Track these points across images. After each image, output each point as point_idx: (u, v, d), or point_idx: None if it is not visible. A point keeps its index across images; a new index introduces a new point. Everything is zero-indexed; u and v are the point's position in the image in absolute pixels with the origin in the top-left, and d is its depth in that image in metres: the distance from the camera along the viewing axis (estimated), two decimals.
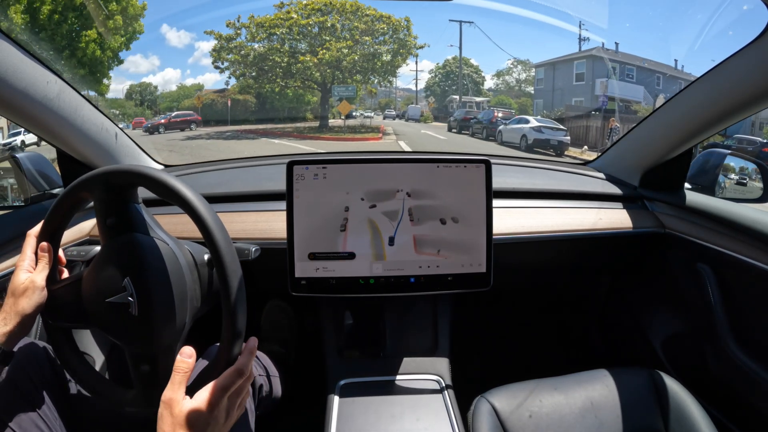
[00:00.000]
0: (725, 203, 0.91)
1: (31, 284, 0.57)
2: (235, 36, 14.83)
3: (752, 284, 0.82)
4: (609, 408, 0.77)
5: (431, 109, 19.64)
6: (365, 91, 17.67)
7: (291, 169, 0.80)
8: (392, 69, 16.05)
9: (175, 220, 0.91)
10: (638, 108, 14.60)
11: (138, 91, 17.93)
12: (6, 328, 0.54)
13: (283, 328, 1.26)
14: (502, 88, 20.02)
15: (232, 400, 0.53)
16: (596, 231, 0.97)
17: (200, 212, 0.53)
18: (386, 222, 0.82)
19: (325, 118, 15.81)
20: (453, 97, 19.38)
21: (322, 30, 15.08)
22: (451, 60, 20.18)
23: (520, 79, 19.68)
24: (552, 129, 10.95)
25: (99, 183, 0.57)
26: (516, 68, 19.67)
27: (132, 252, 0.57)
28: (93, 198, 0.58)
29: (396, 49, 15.65)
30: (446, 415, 0.80)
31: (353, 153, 1.72)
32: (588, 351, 1.35)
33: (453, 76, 20.11)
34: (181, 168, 1.22)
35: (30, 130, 0.85)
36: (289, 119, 16.25)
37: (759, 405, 0.80)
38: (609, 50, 15.90)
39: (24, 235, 0.82)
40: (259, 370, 0.86)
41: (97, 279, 0.57)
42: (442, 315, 0.99)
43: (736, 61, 0.74)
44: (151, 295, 0.55)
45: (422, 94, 21.14)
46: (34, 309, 0.56)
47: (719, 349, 0.85)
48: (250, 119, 15.83)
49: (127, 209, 0.59)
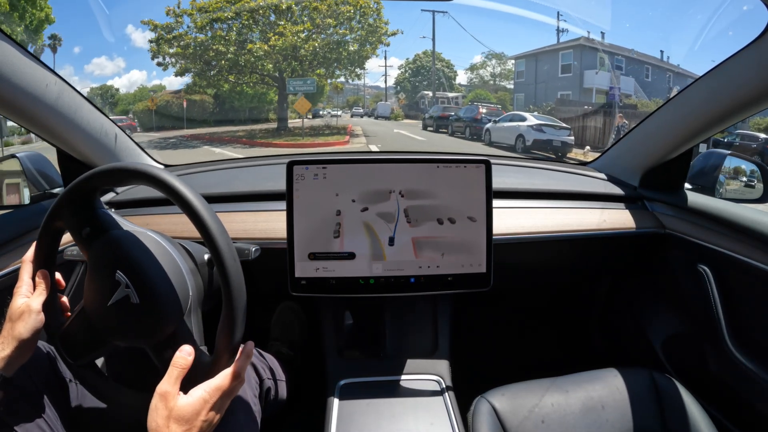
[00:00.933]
0: (725, 204, 0.91)
1: (27, 308, 0.57)
2: (176, 25, 12.10)
3: (752, 285, 0.82)
4: (609, 408, 0.77)
5: (402, 106, 18.65)
6: (331, 87, 15.29)
7: (291, 169, 0.80)
8: (360, 60, 13.42)
9: (176, 220, 0.92)
10: (631, 102, 13.60)
11: (99, 95, 16.27)
12: (3, 353, 0.54)
13: (293, 331, 1.26)
14: (477, 83, 19.00)
15: (224, 401, 0.54)
16: (597, 231, 0.97)
17: (198, 211, 0.54)
18: (385, 221, 0.82)
19: (283, 119, 13.65)
20: (425, 93, 18.22)
21: (276, 14, 12.51)
22: (422, 55, 19.21)
23: (495, 73, 18.73)
24: (554, 128, 9.44)
25: (65, 206, 0.58)
26: (490, 62, 18.64)
27: (113, 247, 0.57)
28: (65, 224, 0.59)
29: (364, 36, 13.08)
30: (446, 415, 0.80)
31: (353, 153, 1.72)
32: (588, 351, 1.35)
33: (424, 71, 19.09)
34: (182, 168, 1.22)
35: (31, 130, 0.85)
36: (251, 120, 14.62)
37: (759, 406, 0.80)
38: (594, 40, 14.86)
39: (24, 235, 0.82)
40: (267, 373, 0.86)
41: (93, 291, 0.57)
42: (443, 315, 0.99)
43: (736, 62, 0.74)
44: (144, 276, 0.56)
45: (392, 91, 20.09)
46: (31, 333, 0.56)
47: (719, 350, 0.85)
48: (209, 121, 14.23)
49: (97, 215, 0.60)
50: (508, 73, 18.23)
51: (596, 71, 14.30)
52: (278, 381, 0.90)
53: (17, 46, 0.73)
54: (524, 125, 9.53)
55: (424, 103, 17.57)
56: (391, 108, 17.54)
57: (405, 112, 17.84)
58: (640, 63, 14.76)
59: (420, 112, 16.31)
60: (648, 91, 14.51)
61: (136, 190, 1.04)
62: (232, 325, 0.53)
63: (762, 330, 0.81)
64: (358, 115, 18.50)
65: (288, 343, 1.22)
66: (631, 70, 14.67)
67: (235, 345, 0.54)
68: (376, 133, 12.88)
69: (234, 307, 0.53)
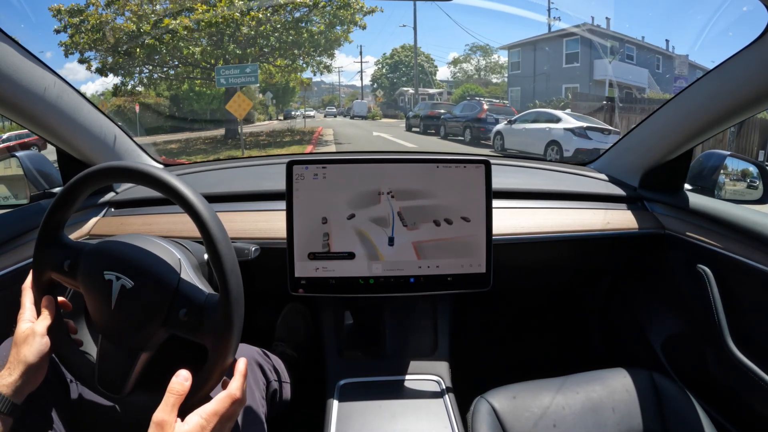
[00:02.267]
0: (725, 204, 0.91)
1: (32, 332, 0.57)
2: (84, 8, 8.98)
3: (752, 286, 0.82)
4: (609, 409, 0.77)
5: (379, 104, 17.26)
6: (296, 82, 11.35)
7: (291, 169, 0.80)
8: (328, 46, 10.17)
9: (175, 219, 0.92)
10: (651, 96, 11.85)
11: None
12: (11, 378, 0.54)
13: (298, 332, 1.26)
14: (462, 78, 17.47)
15: (224, 425, 0.52)
16: (597, 232, 0.97)
17: (197, 208, 0.54)
18: (385, 221, 0.82)
19: (231, 122, 10.18)
20: (404, 90, 16.76)
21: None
22: (400, 49, 17.88)
23: (480, 67, 17.15)
24: (601, 132, 6.88)
25: (44, 265, 0.60)
26: (474, 55, 17.07)
27: (92, 258, 0.58)
28: (57, 274, 0.60)
29: (333, 13, 9.76)
30: (446, 415, 0.80)
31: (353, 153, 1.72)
32: (588, 352, 1.35)
33: (403, 67, 17.73)
34: (181, 167, 1.23)
35: (31, 130, 0.85)
36: (212, 124, 12.07)
37: (759, 407, 0.80)
38: (599, 26, 12.86)
39: (24, 234, 0.82)
40: (273, 375, 0.87)
41: (97, 307, 0.57)
42: (442, 315, 0.99)
43: (736, 63, 0.74)
44: (125, 258, 0.57)
45: (368, 90, 18.74)
46: (37, 357, 0.56)
47: (719, 351, 0.85)
48: (165, 127, 12.21)
49: (67, 245, 0.61)
50: (494, 67, 16.81)
51: (609, 60, 12.51)
52: (283, 383, 0.90)
53: (17, 46, 0.73)
54: (559, 128, 6.94)
55: (403, 100, 16.29)
56: (368, 106, 16.28)
57: (383, 111, 16.54)
58: (652, 52, 12.82)
59: (399, 111, 14.89)
60: (659, 83, 12.84)
61: (136, 190, 1.04)
62: (230, 321, 0.53)
63: (762, 331, 0.81)
64: (332, 114, 17.14)
65: (292, 344, 1.23)
66: (643, 60, 12.76)
67: (233, 344, 0.54)
68: (350, 138, 10.61)
69: (231, 305, 0.53)
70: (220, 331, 0.53)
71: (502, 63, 16.63)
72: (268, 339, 1.25)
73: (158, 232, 0.68)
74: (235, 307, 0.53)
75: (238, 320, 0.54)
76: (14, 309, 0.60)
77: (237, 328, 0.54)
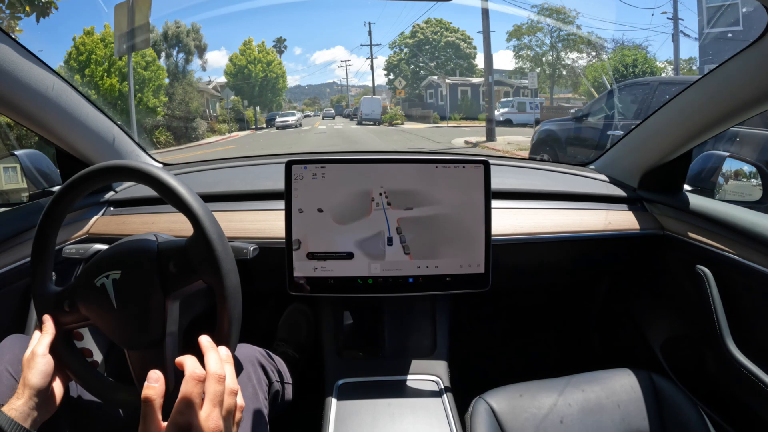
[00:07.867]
0: (724, 205, 0.91)
1: (32, 354, 0.57)
2: None
3: (752, 287, 0.82)
4: (607, 410, 0.77)
5: (399, 100, 12.08)
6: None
7: (290, 169, 0.80)
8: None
9: (174, 219, 0.91)
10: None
11: None
12: (18, 401, 0.53)
13: (300, 333, 1.26)
14: (525, 57, 10.88)
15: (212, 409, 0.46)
16: (597, 232, 0.97)
17: (193, 208, 0.54)
18: (384, 221, 0.82)
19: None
20: (434, 79, 11.82)
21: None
22: (424, 25, 12.57)
23: (557, 39, 9.84)
24: None
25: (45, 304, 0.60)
26: (543, 22, 10.35)
27: (80, 283, 0.59)
28: (62, 316, 0.60)
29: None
30: (444, 415, 0.80)
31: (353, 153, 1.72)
32: (586, 352, 1.34)
33: (429, 47, 12.29)
34: (180, 167, 1.22)
35: (30, 129, 0.85)
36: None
37: (758, 409, 0.80)
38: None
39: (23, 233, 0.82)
40: (275, 376, 0.87)
41: (101, 316, 0.58)
42: (441, 315, 0.99)
43: (736, 63, 0.74)
44: (104, 257, 0.58)
45: (383, 88, 13.84)
46: (41, 379, 0.55)
47: (718, 352, 0.85)
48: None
49: (58, 290, 0.61)
50: (578, 40, 9.34)
51: None
52: (285, 384, 0.90)
53: (18, 46, 0.73)
54: None
55: (434, 94, 11.66)
56: (383, 105, 11.62)
57: (405, 110, 11.82)
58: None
59: (429, 109, 10.58)
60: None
61: (135, 189, 1.04)
62: (228, 320, 0.53)
63: (761, 332, 0.81)
64: (330, 116, 13.03)
65: (294, 344, 1.23)
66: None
67: (232, 337, 0.54)
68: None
69: (228, 304, 0.53)
70: (210, 259, 0.53)
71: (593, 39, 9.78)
72: (270, 339, 1.25)
73: (157, 231, 0.67)
74: (233, 305, 0.53)
75: (236, 318, 0.54)
76: (13, 307, 0.60)
77: (235, 327, 0.54)
